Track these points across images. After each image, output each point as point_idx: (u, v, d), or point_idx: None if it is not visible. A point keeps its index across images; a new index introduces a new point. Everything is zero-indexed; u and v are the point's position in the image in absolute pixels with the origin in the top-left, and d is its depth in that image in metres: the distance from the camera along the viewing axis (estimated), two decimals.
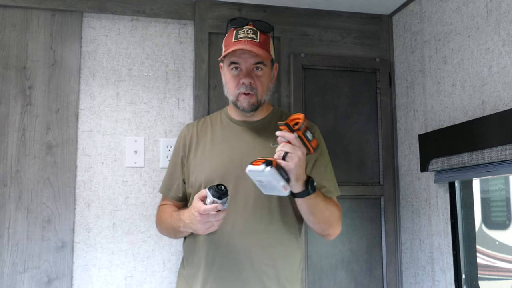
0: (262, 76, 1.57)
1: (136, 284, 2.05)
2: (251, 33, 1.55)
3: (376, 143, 2.34)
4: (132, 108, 2.14)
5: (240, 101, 1.57)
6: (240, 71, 1.56)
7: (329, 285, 2.21)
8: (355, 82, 2.35)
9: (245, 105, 1.57)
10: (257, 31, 1.56)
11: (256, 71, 1.56)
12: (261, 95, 1.58)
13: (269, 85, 1.61)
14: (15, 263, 1.94)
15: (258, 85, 1.56)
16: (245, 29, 1.56)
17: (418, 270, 2.14)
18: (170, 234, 1.68)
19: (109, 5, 2.13)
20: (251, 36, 1.54)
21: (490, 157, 1.64)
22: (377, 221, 2.30)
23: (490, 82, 1.71)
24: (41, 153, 2.01)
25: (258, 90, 1.56)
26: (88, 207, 2.05)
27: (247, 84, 1.55)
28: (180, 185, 1.69)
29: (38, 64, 2.05)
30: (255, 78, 1.56)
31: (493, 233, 2.60)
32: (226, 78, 1.62)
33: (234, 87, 1.57)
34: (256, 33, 1.55)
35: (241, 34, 1.55)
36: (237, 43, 1.53)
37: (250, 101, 1.56)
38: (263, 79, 1.57)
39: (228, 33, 1.61)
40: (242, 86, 1.55)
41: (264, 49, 1.55)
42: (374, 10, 2.36)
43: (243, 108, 1.58)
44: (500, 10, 1.67)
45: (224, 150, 1.62)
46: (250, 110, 1.58)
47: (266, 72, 1.59)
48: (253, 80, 1.55)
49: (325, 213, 1.53)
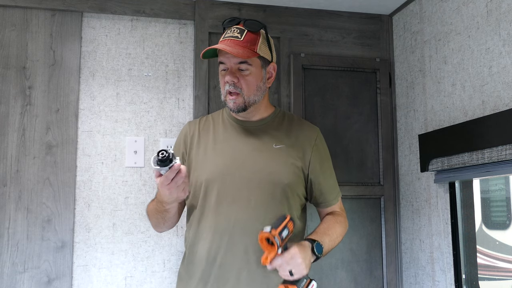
0: (248, 75, 1.55)
1: (136, 284, 2.05)
2: (236, 32, 1.54)
3: (376, 143, 2.34)
4: (132, 108, 2.14)
5: (227, 101, 1.57)
6: (227, 71, 1.56)
7: (329, 285, 2.20)
8: (355, 82, 2.35)
9: (231, 105, 1.56)
10: (244, 30, 1.55)
11: (241, 71, 1.55)
12: (247, 95, 1.55)
13: (258, 85, 1.57)
14: (15, 263, 1.94)
15: (243, 84, 1.54)
16: (233, 28, 1.56)
17: (418, 270, 2.14)
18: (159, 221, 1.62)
19: (109, 5, 2.13)
20: (235, 35, 1.53)
21: (490, 157, 1.64)
22: (377, 221, 2.30)
23: (490, 82, 1.71)
24: (41, 153, 2.01)
25: (244, 90, 1.54)
26: (88, 207, 2.05)
27: (230, 83, 1.53)
28: None
29: (38, 64, 2.05)
30: (240, 78, 1.54)
31: (493, 233, 2.60)
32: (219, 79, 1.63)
33: (222, 86, 1.58)
34: (242, 32, 1.54)
35: (228, 33, 1.55)
36: (220, 42, 1.55)
37: (235, 102, 1.55)
38: (249, 78, 1.55)
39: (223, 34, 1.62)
40: (226, 84, 1.55)
41: (247, 48, 1.52)
42: (374, 10, 2.36)
43: (230, 109, 1.58)
44: (500, 10, 1.67)
45: (226, 149, 1.61)
46: (237, 111, 1.57)
47: (253, 71, 1.56)
48: (237, 80, 1.54)
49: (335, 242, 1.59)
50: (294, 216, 1.60)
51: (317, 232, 1.55)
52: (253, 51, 1.53)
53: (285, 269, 1.38)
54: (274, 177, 1.55)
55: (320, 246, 1.48)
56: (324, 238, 1.52)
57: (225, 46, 1.51)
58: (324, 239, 1.52)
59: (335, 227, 1.60)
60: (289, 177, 1.57)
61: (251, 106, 1.58)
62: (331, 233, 1.57)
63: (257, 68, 1.57)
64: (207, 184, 1.57)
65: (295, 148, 1.61)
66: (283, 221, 1.39)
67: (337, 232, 1.60)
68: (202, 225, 1.56)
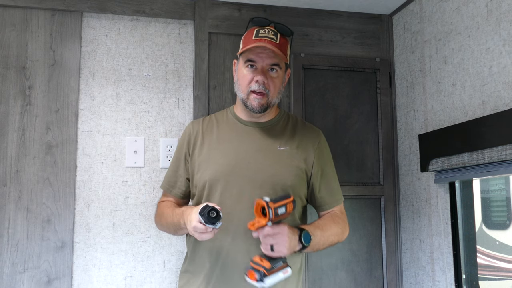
0: (276, 78, 1.57)
1: (136, 284, 2.05)
2: (271, 34, 1.55)
3: (376, 143, 2.34)
4: (132, 108, 2.14)
5: (250, 100, 1.57)
6: (255, 69, 1.56)
7: (329, 285, 2.20)
8: (355, 82, 2.35)
9: (255, 104, 1.56)
10: (277, 33, 1.57)
11: (270, 72, 1.56)
12: (272, 96, 1.58)
13: (280, 88, 1.61)
14: (15, 263, 1.94)
15: (271, 86, 1.56)
16: (266, 29, 1.57)
17: (418, 270, 2.14)
18: (170, 230, 1.66)
19: (109, 5, 2.13)
20: (271, 37, 1.54)
21: (490, 157, 1.64)
22: (377, 221, 2.29)
23: (491, 82, 1.71)
24: (41, 153, 2.01)
25: (270, 91, 1.56)
26: (88, 207, 2.05)
27: (261, 83, 1.54)
28: (183, 182, 1.68)
29: (38, 64, 2.05)
30: (269, 79, 1.56)
31: (493, 233, 2.60)
32: (239, 75, 1.60)
33: (246, 85, 1.57)
34: (276, 35, 1.56)
35: (262, 33, 1.55)
36: (257, 41, 1.53)
37: (260, 102, 1.56)
38: (276, 80, 1.58)
39: (248, 31, 1.61)
40: (255, 84, 1.55)
41: (283, 52, 1.55)
42: (374, 10, 2.36)
43: (252, 108, 1.57)
44: (500, 10, 1.67)
45: (230, 149, 1.61)
46: (259, 111, 1.58)
47: (280, 74, 1.59)
48: (267, 80, 1.55)
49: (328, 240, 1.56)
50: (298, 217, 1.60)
51: (310, 225, 1.55)
52: (285, 55, 1.57)
53: (268, 242, 1.37)
54: (277, 179, 1.55)
55: (309, 236, 1.46)
56: (316, 231, 1.51)
57: (270, 45, 1.51)
58: (316, 232, 1.50)
59: (330, 225, 1.59)
60: (292, 179, 1.57)
61: (270, 108, 1.60)
62: (325, 229, 1.55)
63: (282, 71, 1.60)
64: (211, 183, 1.57)
65: (298, 151, 1.61)
66: (285, 199, 1.38)
67: (332, 230, 1.58)
68: None
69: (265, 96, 1.56)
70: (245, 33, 1.62)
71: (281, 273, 1.39)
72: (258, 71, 1.55)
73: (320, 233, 1.52)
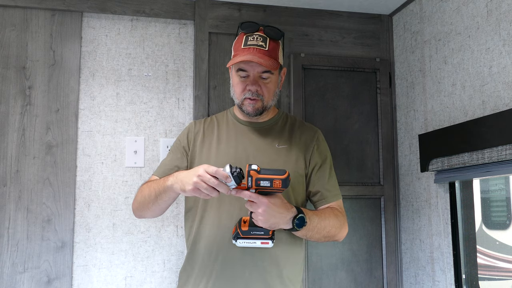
0: (269, 83, 1.58)
1: (136, 284, 2.05)
2: (260, 41, 1.55)
3: (376, 143, 2.34)
4: (132, 108, 2.14)
5: (245, 105, 1.59)
6: (247, 78, 1.57)
7: (329, 285, 2.20)
8: (355, 82, 2.35)
9: (250, 109, 1.59)
10: (266, 38, 1.57)
11: (263, 79, 1.58)
12: (267, 101, 1.60)
13: (275, 91, 1.63)
14: (15, 263, 1.94)
15: (265, 91, 1.58)
16: (255, 36, 1.57)
17: (418, 270, 2.14)
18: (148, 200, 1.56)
19: (109, 5, 2.13)
20: (260, 44, 1.54)
21: (490, 157, 1.64)
22: (377, 221, 2.29)
23: (491, 82, 1.71)
24: (41, 153, 2.01)
25: (264, 96, 1.58)
26: (88, 207, 2.05)
27: (253, 91, 1.56)
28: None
29: (38, 64, 2.05)
30: (262, 85, 1.57)
31: (493, 233, 2.60)
32: (233, 82, 1.63)
33: (240, 92, 1.59)
34: (265, 40, 1.56)
35: (251, 41, 1.55)
36: (246, 50, 1.54)
37: (255, 106, 1.58)
38: (270, 85, 1.59)
39: (238, 36, 1.61)
40: (248, 92, 1.57)
41: (272, 58, 1.55)
42: (374, 10, 2.36)
43: (247, 112, 1.60)
44: (500, 10, 1.67)
45: (230, 149, 1.63)
46: (254, 115, 1.60)
47: (273, 79, 1.60)
48: (259, 88, 1.57)
49: (324, 230, 1.53)
50: None
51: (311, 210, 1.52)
52: (277, 61, 1.57)
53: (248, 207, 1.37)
54: None
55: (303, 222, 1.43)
56: (313, 217, 1.48)
57: (257, 58, 1.51)
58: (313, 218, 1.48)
59: (330, 216, 1.56)
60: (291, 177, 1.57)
61: (266, 110, 1.62)
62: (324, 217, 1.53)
63: (276, 75, 1.61)
64: None
65: (297, 148, 1.63)
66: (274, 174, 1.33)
67: (331, 221, 1.54)
68: (204, 223, 1.58)
69: (259, 101, 1.58)
70: (235, 39, 1.62)
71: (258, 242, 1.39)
72: (250, 79, 1.56)
73: (318, 220, 1.50)
